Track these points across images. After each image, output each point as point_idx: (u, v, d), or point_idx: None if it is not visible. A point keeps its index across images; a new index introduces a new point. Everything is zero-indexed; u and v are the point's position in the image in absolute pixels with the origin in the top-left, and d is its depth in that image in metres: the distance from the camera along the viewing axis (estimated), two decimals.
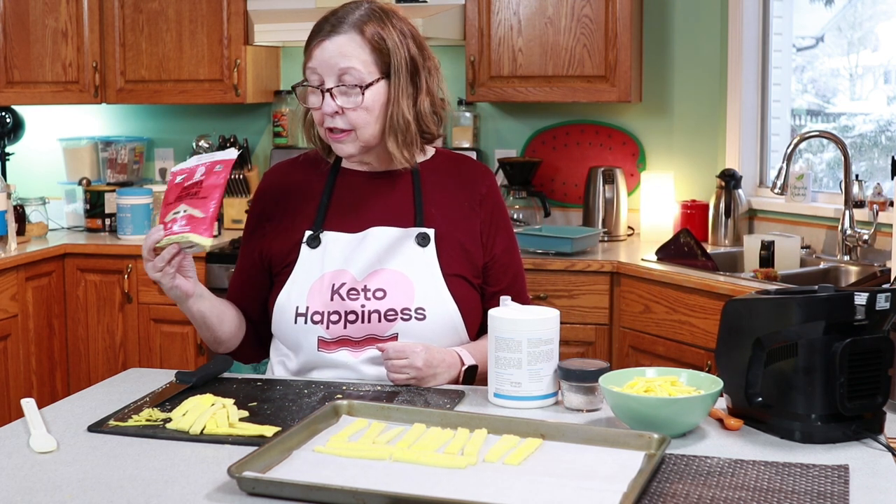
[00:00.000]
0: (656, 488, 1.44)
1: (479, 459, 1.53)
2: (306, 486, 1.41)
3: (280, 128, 4.47)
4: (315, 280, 2.03)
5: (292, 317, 2.03)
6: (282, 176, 2.18)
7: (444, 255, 2.05)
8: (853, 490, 1.43)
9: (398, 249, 2.04)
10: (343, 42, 1.97)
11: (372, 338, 2.01)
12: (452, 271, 2.05)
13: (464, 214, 2.11)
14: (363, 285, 2.02)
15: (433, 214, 2.08)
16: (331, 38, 1.97)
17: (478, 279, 2.10)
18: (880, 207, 3.43)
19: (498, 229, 2.14)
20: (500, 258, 2.13)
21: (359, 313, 2.01)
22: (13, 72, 4.19)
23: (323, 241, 2.06)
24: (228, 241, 4.05)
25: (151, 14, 4.25)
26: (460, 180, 2.14)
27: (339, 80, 1.97)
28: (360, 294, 2.01)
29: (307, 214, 2.10)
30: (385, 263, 2.03)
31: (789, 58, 4.02)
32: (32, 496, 1.45)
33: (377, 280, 2.02)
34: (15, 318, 3.82)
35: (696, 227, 3.92)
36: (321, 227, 2.08)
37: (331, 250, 2.05)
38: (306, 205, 2.11)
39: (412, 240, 2.05)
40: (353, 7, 2.01)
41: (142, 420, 1.75)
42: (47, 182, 4.68)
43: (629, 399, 1.65)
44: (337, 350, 2.02)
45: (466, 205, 2.12)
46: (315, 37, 2.00)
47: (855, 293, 1.61)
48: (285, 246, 2.09)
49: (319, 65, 1.98)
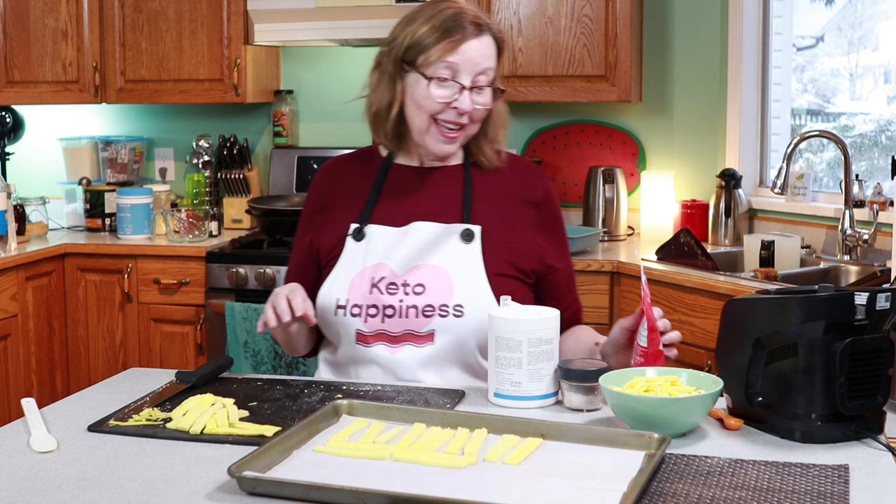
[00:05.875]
0: (656, 488, 1.44)
1: (479, 459, 1.53)
2: (306, 486, 1.41)
3: (280, 127, 4.47)
4: (356, 273, 2.04)
5: (333, 309, 2.04)
6: (335, 169, 2.21)
7: (490, 254, 2.05)
8: (853, 490, 1.43)
9: (440, 245, 2.04)
10: (487, 43, 2.05)
11: (409, 333, 2.01)
12: (499, 270, 2.05)
13: (515, 215, 2.11)
14: (402, 280, 2.02)
15: (482, 212, 2.08)
16: (479, 38, 2.03)
17: (529, 279, 2.09)
18: (880, 207, 3.43)
19: (557, 239, 2.14)
20: (562, 271, 2.13)
21: (396, 308, 2.01)
22: (13, 71, 4.19)
23: (367, 234, 2.08)
24: (228, 241, 4.05)
25: (151, 14, 4.25)
26: (514, 181, 2.14)
27: (474, 79, 2.03)
28: (399, 288, 2.01)
29: (355, 208, 2.12)
30: (426, 258, 2.03)
31: (789, 57, 4.02)
32: (32, 496, 1.45)
33: (417, 275, 2.02)
34: (15, 318, 3.82)
35: (696, 227, 3.92)
36: (367, 220, 2.09)
37: (374, 244, 2.06)
38: (356, 198, 2.13)
39: (456, 236, 2.05)
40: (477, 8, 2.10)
41: (142, 420, 1.75)
42: (47, 182, 4.68)
43: (629, 399, 1.65)
44: (374, 344, 2.02)
45: (519, 206, 2.12)
46: (456, 33, 2.02)
47: (855, 293, 1.61)
48: (333, 238, 2.11)
49: (463, 61, 2.01)
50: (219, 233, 4.28)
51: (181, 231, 4.07)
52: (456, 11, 2.04)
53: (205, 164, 4.37)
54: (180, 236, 4.07)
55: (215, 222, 4.24)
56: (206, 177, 4.36)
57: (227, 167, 4.40)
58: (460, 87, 2.02)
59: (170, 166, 4.68)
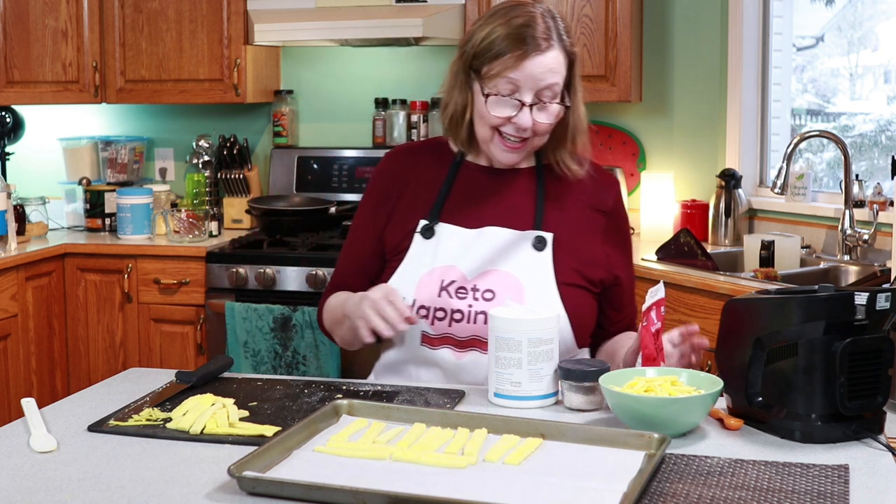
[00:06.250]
0: (656, 488, 1.44)
1: (479, 459, 1.53)
2: (306, 486, 1.41)
3: (280, 127, 4.47)
4: (425, 273, 2.01)
5: None
6: (404, 160, 2.15)
7: (559, 262, 2.02)
8: (853, 490, 1.43)
9: (512, 251, 2.01)
10: (553, 57, 1.96)
11: (476, 339, 1.99)
12: (567, 279, 2.02)
13: (586, 223, 2.07)
14: (472, 285, 1.99)
15: (553, 218, 2.05)
16: (544, 54, 1.94)
17: (595, 288, 2.07)
18: (880, 207, 3.43)
19: (624, 249, 2.12)
20: (625, 281, 2.11)
21: (465, 313, 1.99)
22: (13, 71, 4.19)
23: (437, 232, 2.04)
24: (228, 241, 4.05)
25: (151, 14, 4.25)
26: (585, 187, 2.09)
27: (537, 95, 1.96)
28: (469, 293, 1.99)
29: (425, 203, 2.08)
30: (497, 265, 2.00)
31: (789, 57, 4.02)
32: (32, 496, 1.45)
33: (487, 281, 1.99)
34: (15, 318, 3.82)
35: (696, 227, 3.91)
36: (437, 218, 2.06)
37: (444, 243, 2.03)
38: (425, 193, 2.09)
39: (528, 243, 2.02)
40: (550, 17, 1.98)
41: (142, 420, 1.75)
42: (47, 182, 4.68)
43: (629, 399, 1.65)
44: (440, 347, 2.00)
45: (589, 213, 2.08)
46: (520, 47, 1.94)
47: (855, 293, 1.61)
48: (400, 233, 2.08)
49: (525, 78, 1.94)
50: (219, 233, 4.28)
51: (181, 231, 4.07)
52: (525, 21, 1.95)
53: (205, 164, 4.37)
54: (180, 236, 4.07)
55: (215, 222, 4.24)
56: (206, 177, 4.36)
57: (227, 167, 4.40)
58: (520, 104, 1.95)
59: (170, 166, 4.68)
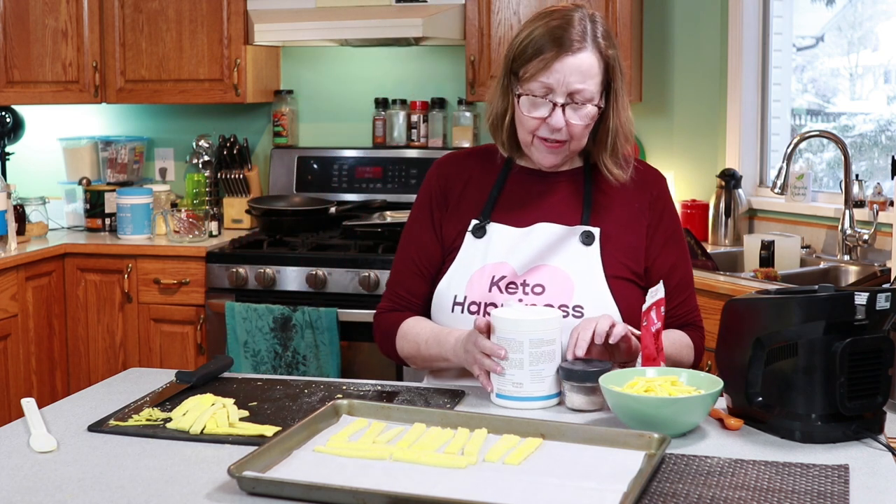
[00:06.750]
0: (656, 488, 1.44)
1: (479, 459, 1.53)
2: (306, 486, 1.41)
3: (280, 127, 4.47)
4: (476, 270, 2.03)
5: (450, 305, 2.03)
6: (455, 165, 2.18)
7: (607, 256, 2.03)
8: (853, 490, 1.43)
9: (561, 246, 2.03)
10: (585, 59, 1.95)
11: None
12: (616, 272, 2.03)
13: (632, 216, 2.08)
14: (522, 279, 2.00)
15: (601, 214, 2.06)
16: (576, 55, 1.94)
17: (642, 281, 2.07)
18: (880, 207, 3.43)
19: (667, 240, 2.09)
20: (671, 275, 2.07)
21: None
22: (13, 71, 4.19)
23: (488, 231, 2.06)
24: (228, 241, 4.05)
25: (151, 14, 4.25)
26: (631, 182, 2.09)
27: (570, 95, 1.96)
28: (519, 288, 2.00)
29: (476, 204, 2.10)
30: (547, 260, 2.02)
31: (789, 57, 4.02)
32: (32, 496, 1.45)
33: (537, 275, 2.01)
34: (15, 318, 3.82)
35: (696, 227, 3.92)
36: (488, 218, 2.08)
37: (495, 242, 2.05)
38: (477, 195, 2.11)
39: (577, 237, 2.03)
40: (588, 20, 1.98)
41: (142, 420, 1.75)
42: (47, 182, 4.68)
43: (629, 399, 1.65)
44: None
45: (636, 207, 2.09)
46: (552, 49, 1.95)
47: (855, 293, 1.61)
48: (452, 233, 2.10)
49: (556, 80, 1.95)
50: (219, 233, 4.28)
51: (181, 231, 4.07)
52: (561, 23, 1.96)
53: (205, 164, 4.37)
54: (180, 236, 4.07)
55: (215, 222, 4.24)
56: (206, 177, 4.36)
57: (227, 167, 4.40)
58: (552, 105, 1.96)
59: (170, 166, 4.68)
